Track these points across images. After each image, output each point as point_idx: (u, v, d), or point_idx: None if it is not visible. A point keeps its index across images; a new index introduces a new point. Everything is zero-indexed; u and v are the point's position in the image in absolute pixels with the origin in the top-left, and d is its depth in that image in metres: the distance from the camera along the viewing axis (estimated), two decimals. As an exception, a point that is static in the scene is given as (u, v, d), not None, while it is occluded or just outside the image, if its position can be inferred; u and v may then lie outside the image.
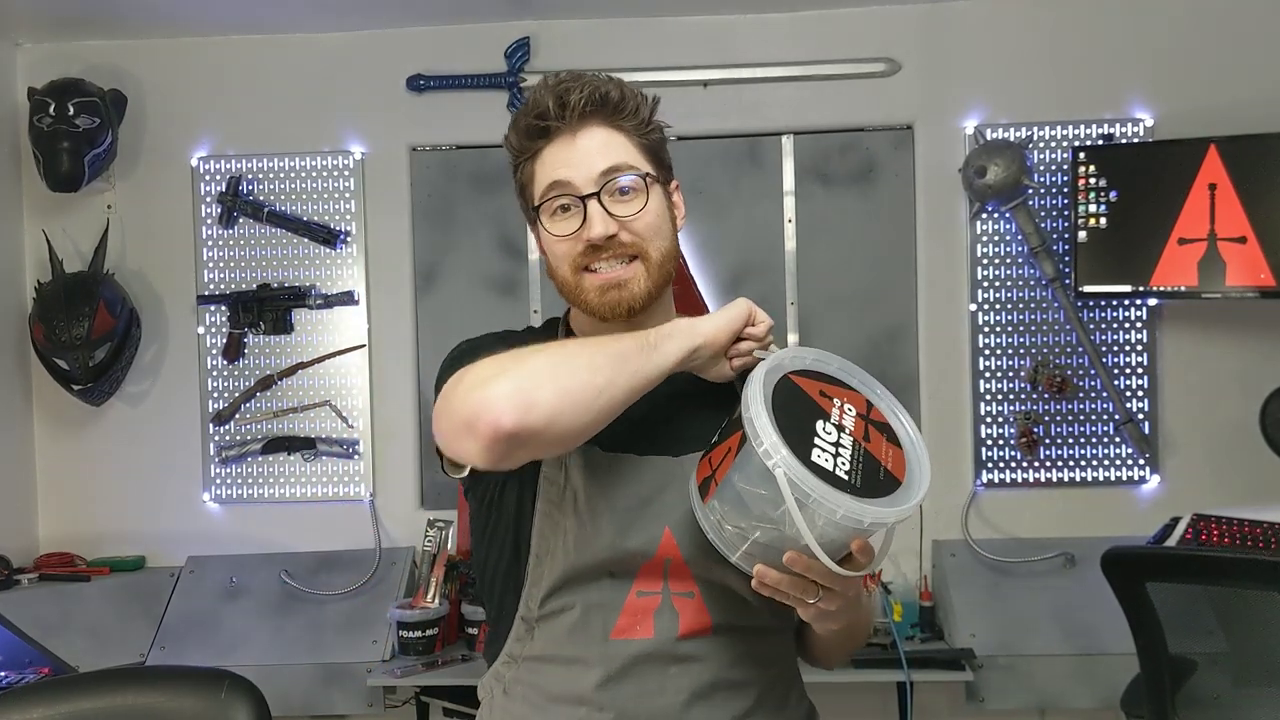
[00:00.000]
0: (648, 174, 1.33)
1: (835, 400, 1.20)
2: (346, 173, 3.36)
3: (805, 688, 1.44)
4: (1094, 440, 3.20)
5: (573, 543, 1.29)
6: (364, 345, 3.35)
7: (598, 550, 1.28)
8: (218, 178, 3.38)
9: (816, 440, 1.13)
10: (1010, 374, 3.23)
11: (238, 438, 3.37)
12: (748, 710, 1.31)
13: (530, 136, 1.33)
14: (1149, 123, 3.18)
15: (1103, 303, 3.16)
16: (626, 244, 1.31)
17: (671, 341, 1.23)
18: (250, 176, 3.37)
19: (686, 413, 1.35)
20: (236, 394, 3.36)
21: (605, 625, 1.28)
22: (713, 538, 1.17)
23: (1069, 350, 3.21)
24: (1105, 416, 3.20)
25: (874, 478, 1.14)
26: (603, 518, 1.29)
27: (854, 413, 1.20)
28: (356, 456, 3.34)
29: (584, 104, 1.30)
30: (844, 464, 1.12)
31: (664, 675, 1.28)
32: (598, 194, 1.29)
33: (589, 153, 1.31)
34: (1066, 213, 3.15)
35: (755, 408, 1.11)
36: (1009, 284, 3.23)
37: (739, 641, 1.31)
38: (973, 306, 3.24)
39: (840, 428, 1.16)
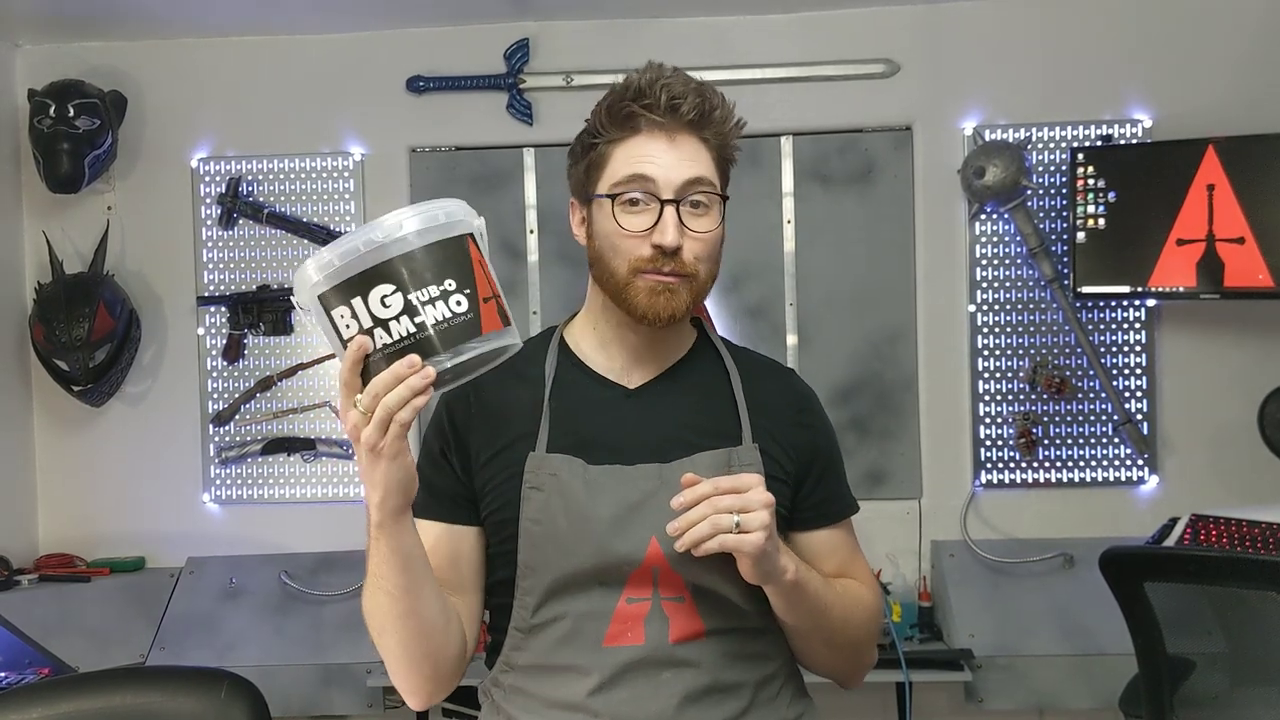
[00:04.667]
0: (722, 195, 1.35)
1: None
2: (346, 174, 3.37)
3: (805, 685, 1.44)
4: (1093, 441, 3.21)
5: (560, 554, 1.30)
6: (364, 346, 3.35)
7: (584, 560, 1.29)
8: (217, 179, 3.38)
9: None
10: (1009, 375, 3.23)
11: (237, 439, 3.37)
12: (742, 710, 1.32)
13: (623, 124, 1.33)
14: (1147, 124, 3.18)
15: (1101, 303, 3.16)
16: (685, 263, 1.31)
17: (374, 530, 1.23)
18: (250, 177, 3.37)
19: (676, 421, 1.36)
20: (236, 395, 3.36)
21: (597, 633, 1.29)
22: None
23: (1068, 351, 3.21)
24: (1104, 417, 3.20)
25: None
26: (589, 529, 1.29)
27: None
28: (356, 458, 3.34)
29: (692, 114, 1.32)
30: None
31: (657, 680, 1.29)
32: (677, 201, 1.30)
33: (679, 159, 1.31)
34: (1065, 214, 3.15)
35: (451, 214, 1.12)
36: (1008, 285, 3.23)
37: (732, 644, 1.32)
38: (971, 307, 3.24)
39: None
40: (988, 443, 3.24)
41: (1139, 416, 3.19)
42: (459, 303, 1.10)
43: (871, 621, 1.42)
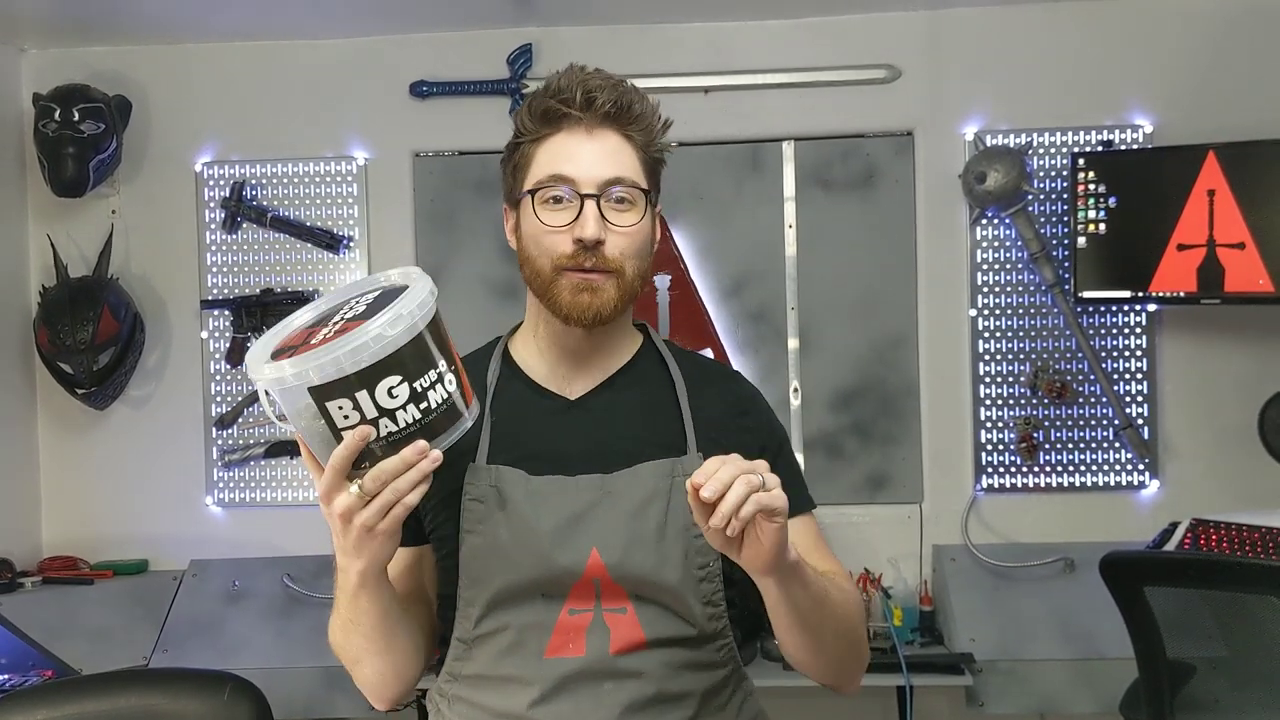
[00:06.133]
0: (646, 191, 1.34)
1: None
2: (350, 178, 3.38)
3: (755, 690, 1.43)
4: (1094, 445, 3.21)
5: (502, 566, 1.30)
6: (366, 350, 3.36)
7: (526, 572, 1.29)
8: (222, 183, 3.39)
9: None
10: (1010, 379, 3.24)
11: (240, 441, 3.38)
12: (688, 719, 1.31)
13: (544, 121, 1.33)
14: (1148, 129, 3.19)
15: (1102, 308, 3.17)
16: (609, 258, 1.30)
17: (342, 577, 1.23)
18: (254, 181, 3.39)
19: (618, 432, 1.35)
20: (239, 398, 3.37)
21: (539, 645, 1.29)
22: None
23: (1069, 355, 3.22)
24: (1105, 422, 3.20)
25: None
26: (530, 540, 1.29)
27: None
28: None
29: (608, 107, 1.31)
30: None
31: (599, 691, 1.28)
32: (597, 196, 1.30)
33: (599, 155, 1.31)
34: (1066, 219, 3.16)
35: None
36: (1009, 289, 3.24)
37: (676, 654, 1.31)
38: (973, 312, 3.25)
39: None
40: (989, 447, 3.24)
41: (1139, 421, 3.20)
42: (451, 381, 1.11)
43: (858, 607, 1.36)
